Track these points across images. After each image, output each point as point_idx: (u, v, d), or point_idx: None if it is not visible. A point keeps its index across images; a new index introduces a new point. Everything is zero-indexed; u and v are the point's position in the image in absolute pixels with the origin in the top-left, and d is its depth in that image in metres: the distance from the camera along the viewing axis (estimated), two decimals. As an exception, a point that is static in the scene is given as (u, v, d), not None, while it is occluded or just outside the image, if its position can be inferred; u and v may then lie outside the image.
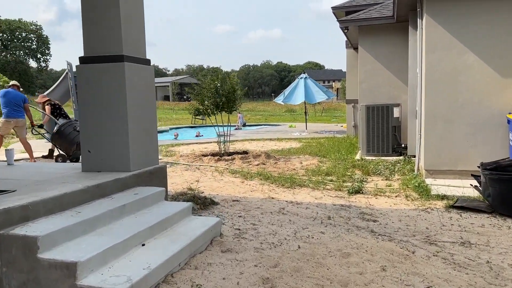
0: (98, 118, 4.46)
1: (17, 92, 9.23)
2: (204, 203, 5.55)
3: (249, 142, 13.99)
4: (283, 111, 42.82)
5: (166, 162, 9.29)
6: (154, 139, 4.87)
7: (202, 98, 9.73)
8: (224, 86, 9.56)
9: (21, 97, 9.16)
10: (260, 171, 8.09)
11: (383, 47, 10.51)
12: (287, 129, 20.71)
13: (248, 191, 6.64)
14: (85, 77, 4.48)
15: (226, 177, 7.70)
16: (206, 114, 9.89)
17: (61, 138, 9.05)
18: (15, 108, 8.98)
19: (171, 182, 7.17)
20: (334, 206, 5.82)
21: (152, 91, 4.82)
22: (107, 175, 4.19)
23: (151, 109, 4.81)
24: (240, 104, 10.15)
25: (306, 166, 8.81)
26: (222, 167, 8.63)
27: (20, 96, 9.18)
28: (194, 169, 8.50)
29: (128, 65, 4.38)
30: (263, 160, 9.25)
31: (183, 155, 10.13)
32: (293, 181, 7.23)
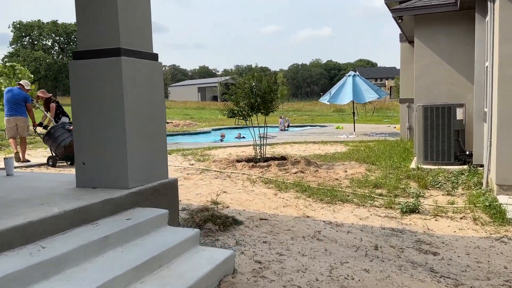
0: (92, 125, 3.74)
1: (20, 91, 9.19)
2: (225, 223, 4.70)
3: (291, 145, 13.02)
4: (331, 111, 41.33)
5: (196, 168, 8.57)
6: (161, 149, 4.08)
7: (236, 98, 8.91)
8: (259, 85, 8.68)
9: (22, 96, 9.11)
10: (297, 181, 7.14)
11: (443, 38, 9.17)
12: (334, 130, 19.50)
13: (280, 207, 5.72)
14: (76, 75, 3.78)
15: (258, 188, 6.82)
16: (241, 116, 9.06)
17: (50, 139, 8.84)
18: (13, 107, 9.00)
19: (196, 193, 6.40)
20: (383, 231, 4.76)
21: (160, 92, 4.04)
22: (98, 194, 3.45)
23: (159, 113, 4.03)
24: (277, 105, 9.23)
25: (351, 176, 7.73)
26: (256, 175, 7.76)
27: (21, 95, 9.13)
28: (224, 177, 7.69)
29: (126, 60, 3.62)
30: (302, 168, 8.27)
31: (217, 160, 9.38)
32: (334, 195, 6.21)
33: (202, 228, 4.53)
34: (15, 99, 9.08)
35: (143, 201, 3.71)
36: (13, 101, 9.07)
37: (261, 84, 8.73)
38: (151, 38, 4.02)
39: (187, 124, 23.99)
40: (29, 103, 9.30)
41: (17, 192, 3.60)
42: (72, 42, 62.59)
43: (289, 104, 56.47)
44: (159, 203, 3.89)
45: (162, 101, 4.07)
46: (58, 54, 60.98)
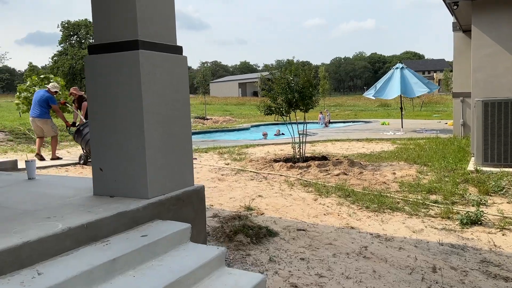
0: (109, 127, 3.36)
1: (45, 92, 9.50)
2: (258, 234, 4.21)
3: (332, 143, 12.34)
4: (375, 106, 39.86)
5: (232, 168, 8.14)
6: (185, 153, 3.65)
7: (274, 94, 8.39)
8: (297, 80, 8.11)
9: (45, 98, 9.39)
10: (340, 185, 6.53)
11: (506, 25, 8.18)
12: (379, 126, 18.53)
13: (321, 214, 5.16)
14: (91, 72, 3.40)
15: (296, 191, 6.28)
16: (279, 114, 8.53)
17: (79, 137, 8.82)
18: (35, 108, 9.35)
19: (230, 197, 5.96)
20: (441, 247, 4.10)
21: (184, 89, 3.60)
22: (112, 206, 3.06)
23: (183, 113, 3.59)
24: (318, 100, 8.61)
25: (401, 178, 7.02)
26: (294, 177, 7.21)
27: (44, 97, 9.41)
28: (261, 179, 7.21)
29: (145, 54, 3.20)
30: (345, 169, 7.64)
31: (254, 159, 8.91)
32: (382, 202, 5.57)
33: (233, 240, 4.07)
34: (38, 100, 9.34)
35: (164, 212, 3.29)
36: (36, 102, 9.35)
37: (300, 78, 8.16)
38: (175, 29, 3.58)
39: (227, 120, 23.74)
40: (54, 104, 9.43)
41: (28, 202, 3.29)
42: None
43: (331, 99, 55.17)
44: (183, 214, 3.46)
45: (186, 99, 3.62)
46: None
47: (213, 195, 6.06)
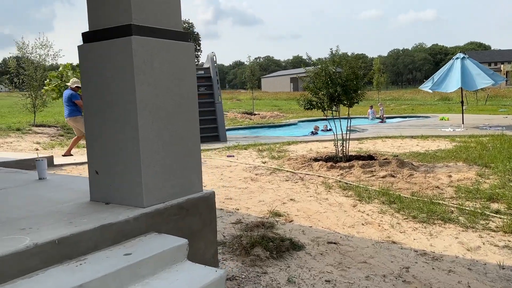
0: (102, 125, 2.97)
1: (68, 90, 9.48)
2: (279, 247, 3.68)
3: (382, 140, 11.44)
4: (435, 100, 37.55)
5: (268, 167, 7.63)
6: (192, 154, 3.19)
7: (315, 88, 7.76)
8: (340, 72, 7.42)
9: (68, 96, 9.34)
10: (385, 188, 5.81)
11: None
12: (437, 122, 17.18)
13: (358, 224, 4.52)
14: (84, 62, 3.03)
15: (334, 195, 5.65)
16: (321, 108, 7.89)
17: None
18: (65, 108, 9.44)
19: (259, 200, 5.46)
20: (502, 272, 3.35)
21: (190, 81, 3.14)
22: (100, 216, 2.67)
23: (188, 108, 3.14)
24: (364, 94, 7.86)
25: (457, 182, 6.16)
26: (333, 178, 6.57)
27: (67, 95, 9.37)
28: (296, 179, 6.63)
29: (139, 41, 2.76)
30: (393, 170, 6.87)
31: (293, 157, 8.34)
32: (432, 211, 4.81)
33: (249, 254, 3.57)
34: (64, 100, 9.46)
35: (163, 224, 2.86)
36: (64, 103, 9.47)
37: (343, 70, 7.46)
38: (179, 12, 3.12)
39: (274, 115, 23.23)
40: (77, 100, 9.25)
41: (19, 208, 2.98)
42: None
43: (387, 93, 52.81)
44: (186, 225, 3.01)
45: (192, 92, 3.16)
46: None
47: (242, 198, 5.59)
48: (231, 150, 10.02)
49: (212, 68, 12.24)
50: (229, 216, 4.77)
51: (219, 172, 7.28)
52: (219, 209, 5.04)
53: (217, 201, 5.55)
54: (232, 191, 5.98)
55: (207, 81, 12.27)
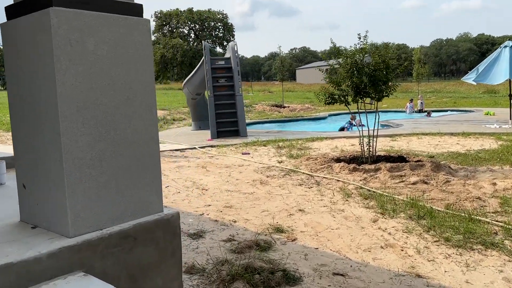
0: (25, 127, 2.30)
1: None
2: (268, 282, 2.91)
3: (418, 137, 10.33)
4: (479, 92, 35.20)
5: (282, 168, 6.83)
6: (148, 165, 2.46)
7: (337, 79, 6.86)
8: (368, 60, 6.49)
9: None
10: (414, 199, 4.88)
11: None
12: (482, 117, 15.70)
13: (376, 247, 3.67)
14: (5, 46, 2.35)
15: (352, 206, 4.79)
16: (343, 103, 6.99)
17: None
18: None
19: (262, 209, 4.69)
20: None
21: (144, 69, 2.41)
22: (9, 248, 2.00)
23: (142, 106, 2.40)
24: (395, 86, 6.88)
25: (503, 192, 5.14)
26: (355, 183, 5.69)
27: None
28: (312, 184, 5.81)
29: (61, 14, 2.06)
30: (426, 175, 5.91)
31: (313, 157, 7.49)
32: (471, 231, 3.88)
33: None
34: None
35: (97, 259, 2.15)
36: None
37: (372, 58, 6.52)
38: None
39: (305, 108, 22.25)
40: None
41: None
42: (206, 29, 65.63)
43: (428, 85, 50.38)
44: (134, 259, 2.30)
45: (147, 83, 2.42)
46: (194, 41, 64.56)
47: (244, 206, 4.85)
48: (249, 146, 9.28)
49: (233, 58, 11.49)
50: (222, 230, 4.04)
51: (227, 173, 6.56)
52: (214, 221, 4.33)
53: (214, 209, 4.86)
54: (235, 196, 5.25)
55: (227, 72, 11.55)
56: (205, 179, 6.20)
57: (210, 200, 5.10)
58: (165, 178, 6.27)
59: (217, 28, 66.96)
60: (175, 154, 8.44)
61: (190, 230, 4.01)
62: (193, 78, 12.38)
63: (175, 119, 17.32)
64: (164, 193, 5.37)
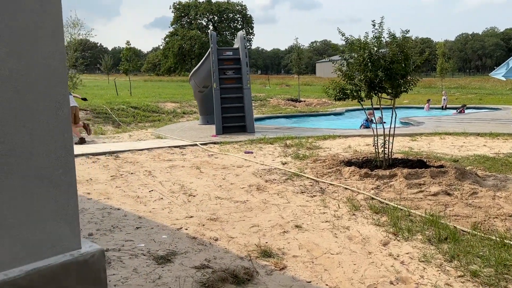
0: None
1: None
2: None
3: (441, 137, 9.42)
4: (507, 89, 33.56)
5: (285, 172, 6.10)
6: (54, 186, 1.78)
7: (350, 73, 6.06)
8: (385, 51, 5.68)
9: None
10: (435, 214, 4.09)
11: None
12: (510, 116, 14.57)
13: (385, 283, 2.92)
14: None
15: (359, 222, 4.04)
16: (356, 98, 6.20)
17: None
18: None
19: (252, 224, 4.00)
20: None
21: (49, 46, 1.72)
22: None
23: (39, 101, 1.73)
24: (415, 81, 6.04)
25: (543, 209, 4.30)
26: (365, 193, 4.91)
27: None
28: (315, 192, 5.06)
29: None
30: (449, 184, 5.10)
31: (321, 158, 6.74)
32: (504, 262, 3.10)
33: None
34: None
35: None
36: None
37: (388, 49, 5.71)
38: None
39: (321, 103, 21.36)
40: None
41: None
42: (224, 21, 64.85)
43: (452, 80, 48.53)
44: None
45: (54, 69, 1.74)
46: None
47: (231, 219, 4.15)
48: (254, 144, 8.57)
49: (242, 48, 10.76)
50: (198, 252, 3.36)
51: (222, 176, 5.88)
52: (191, 238, 3.65)
53: (196, 222, 4.18)
54: (224, 205, 4.56)
55: (236, 63, 10.83)
56: (196, 182, 5.53)
57: (195, 210, 4.42)
58: (152, 180, 5.63)
59: (236, 20, 66.09)
60: (173, 152, 7.80)
61: (158, 251, 3.35)
62: (200, 70, 11.72)
63: (185, 112, 16.75)
64: (145, 200, 4.72)
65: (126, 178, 5.80)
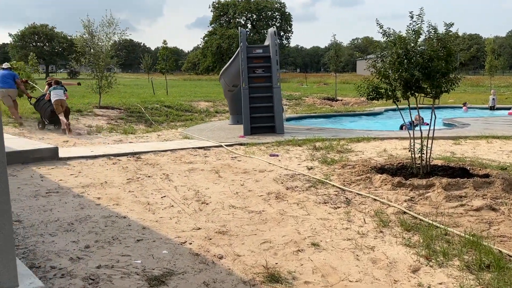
0: None
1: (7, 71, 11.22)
2: None
3: (488, 141, 8.59)
4: None
5: (309, 178, 5.63)
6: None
7: (384, 71, 5.51)
8: (422, 48, 5.09)
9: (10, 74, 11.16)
10: (475, 235, 3.51)
11: None
12: None
13: (410, 322, 2.43)
14: None
15: (386, 242, 3.53)
16: (391, 98, 5.64)
17: (38, 107, 10.75)
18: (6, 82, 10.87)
19: (263, 240, 3.60)
20: None
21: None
22: None
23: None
24: (458, 80, 5.39)
25: None
26: (396, 206, 4.37)
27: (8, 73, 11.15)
28: (340, 202, 4.57)
29: None
30: (494, 196, 4.47)
31: (351, 163, 6.21)
32: None
33: None
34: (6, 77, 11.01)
35: None
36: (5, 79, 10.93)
37: (427, 45, 5.12)
38: None
39: (359, 102, 20.53)
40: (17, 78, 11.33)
41: None
42: (263, 19, 64.48)
43: (503, 78, 45.72)
44: None
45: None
46: (250, 31, 63.72)
47: (241, 233, 3.76)
48: (282, 146, 8.14)
49: (272, 45, 10.33)
50: (197, 273, 2.99)
51: (240, 181, 5.50)
52: (194, 255, 3.29)
53: (202, 236, 3.80)
54: (237, 216, 4.17)
55: (266, 61, 10.42)
56: (212, 188, 5.18)
57: (204, 220, 4.06)
58: (167, 185, 5.34)
59: (274, 17, 65.52)
60: (196, 153, 7.51)
61: (154, 270, 3.01)
62: (230, 68, 11.39)
63: (218, 112, 16.54)
64: (154, 207, 4.42)
65: (142, 181, 5.55)
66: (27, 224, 3.86)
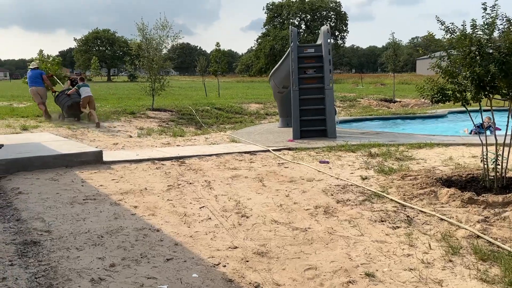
0: None
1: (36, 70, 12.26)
2: None
3: None
4: None
5: (364, 190, 5.04)
6: None
7: (449, 68, 4.81)
8: (497, 43, 4.36)
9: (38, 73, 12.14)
10: None
11: None
12: None
13: None
14: None
15: (457, 275, 2.91)
16: (460, 101, 4.92)
17: (57, 101, 11.88)
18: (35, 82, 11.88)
19: (307, 266, 3.12)
20: None
21: None
22: None
23: None
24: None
25: None
26: (468, 228, 3.70)
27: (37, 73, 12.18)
28: (400, 221, 3.96)
29: None
30: None
31: (412, 173, 5.53)
32: None
33: None
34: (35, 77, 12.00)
35: None
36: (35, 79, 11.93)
37: (503, 36, 4.37)
38: None
39: (419, 104, 19.27)
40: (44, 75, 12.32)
41: None
42: (317, 19, 63.35)
43: None
44: None
45: None
46: (304, 32, 62.85)
47: (283, 254, 3.30)
48: (333, 152, 7.57)
49: (325, 44, 9.75)
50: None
51: (286, 191, 5.03)
52: (227, 280, 2.88)
53: (239, 257, 3.37)
54: (279, 233, 3.72)
55: (318, 61, 9.86)
56: (254, 199, 4.76)
57: (243, 237, 3.65)
58: (208, 194, 4.99)
59: (329, 17, 64.12)
60: (241, 158, 7.14)
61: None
62: (279, 69, 10.95)
63: (268, 114, 16.17)
64: (191, 219, 4.08)
65: (182, 189, 5.25)
66: (55, 236, 3.65)
